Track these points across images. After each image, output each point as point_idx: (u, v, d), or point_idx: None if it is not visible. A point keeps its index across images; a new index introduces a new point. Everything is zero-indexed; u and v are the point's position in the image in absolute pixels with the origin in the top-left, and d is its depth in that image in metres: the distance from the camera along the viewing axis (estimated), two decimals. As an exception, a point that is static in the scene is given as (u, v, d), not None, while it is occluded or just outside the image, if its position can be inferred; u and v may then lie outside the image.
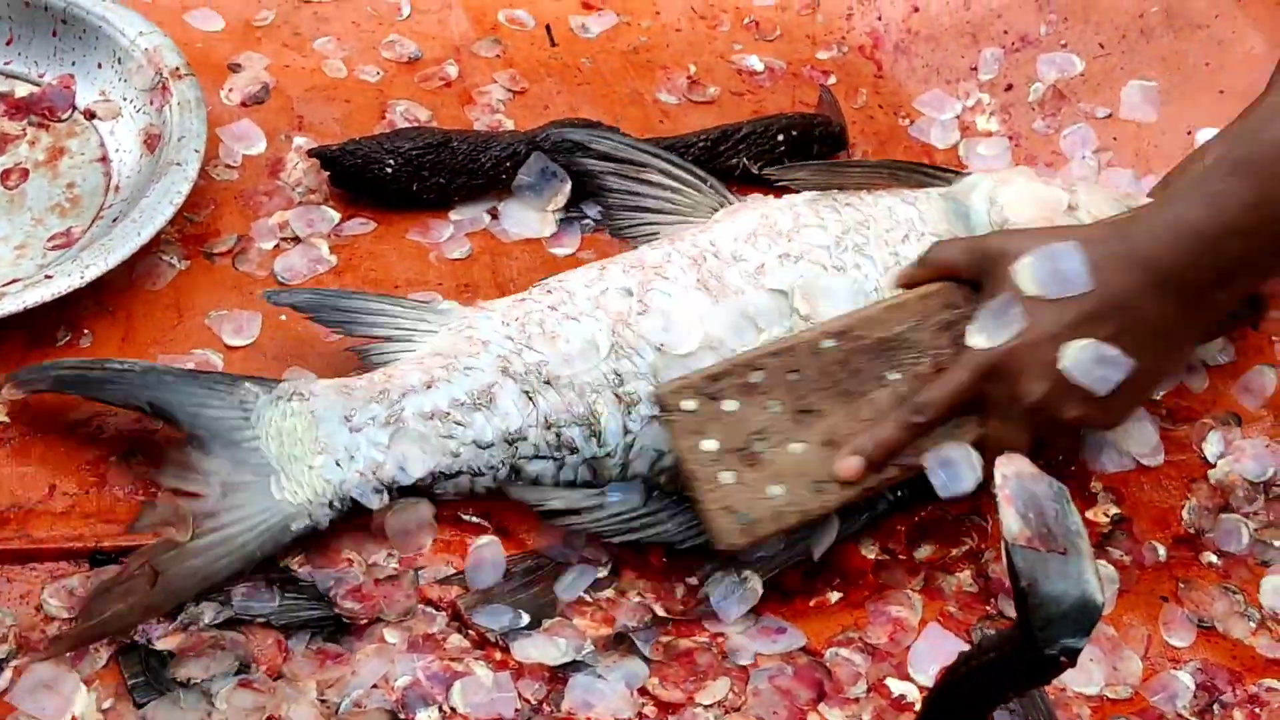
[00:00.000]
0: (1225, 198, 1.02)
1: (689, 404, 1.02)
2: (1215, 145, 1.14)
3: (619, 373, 1.07)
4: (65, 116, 1.33)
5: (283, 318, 1.20)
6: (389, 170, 1.28)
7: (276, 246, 1.26)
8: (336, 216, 1.29)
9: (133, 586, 0.97)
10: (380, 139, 1.29)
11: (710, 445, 1.01)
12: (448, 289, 1.24)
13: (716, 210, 1.19)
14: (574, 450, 1.07)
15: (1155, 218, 1.05)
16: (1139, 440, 1.17)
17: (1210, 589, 1.09)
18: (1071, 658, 0.64)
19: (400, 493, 1.05)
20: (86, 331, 1.17)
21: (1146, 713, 1.01)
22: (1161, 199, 1.12)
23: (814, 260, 1.11)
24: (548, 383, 1.07)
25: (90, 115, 1.32)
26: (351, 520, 1.05)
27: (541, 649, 1.01)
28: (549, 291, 1.13)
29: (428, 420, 1.06)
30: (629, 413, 1.07)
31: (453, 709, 0.97)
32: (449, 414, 1.06)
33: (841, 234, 1.13)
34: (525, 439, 1.06)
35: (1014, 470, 0.65)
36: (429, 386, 1.07)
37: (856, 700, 1.00)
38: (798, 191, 1.22)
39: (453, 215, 1.30)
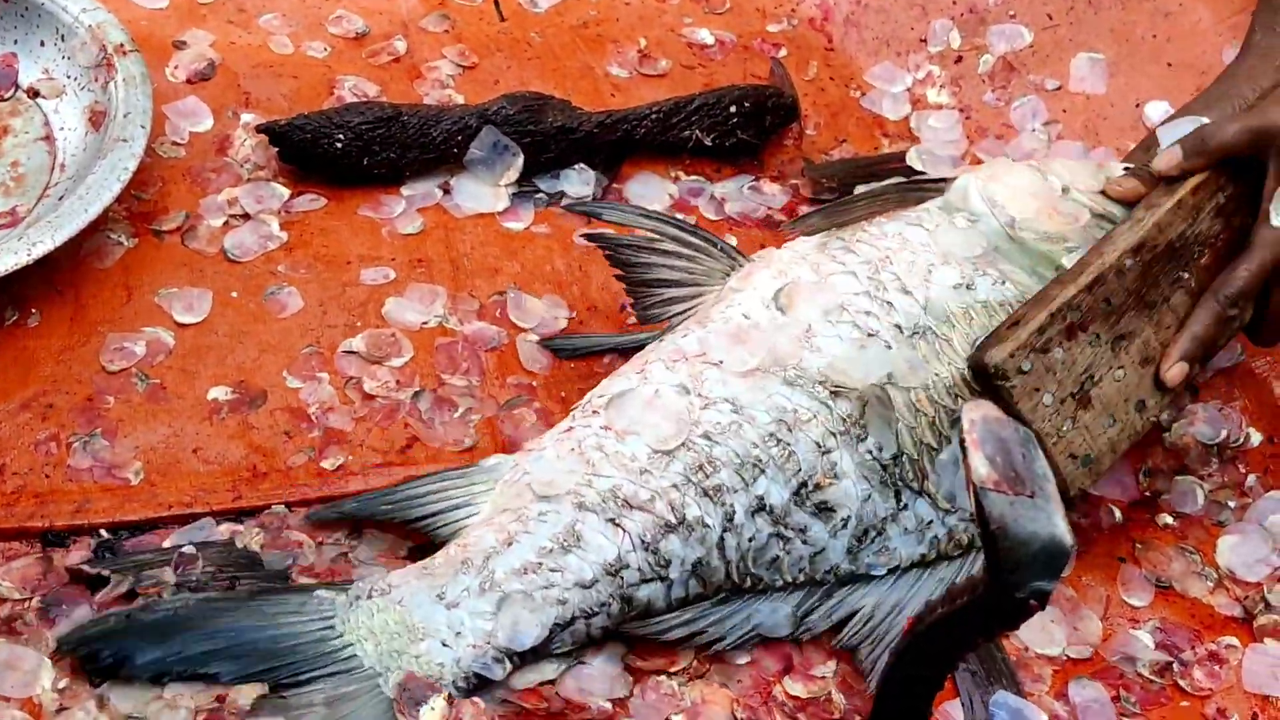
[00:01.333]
0: None
1: (1026, 365, 1.02)
2: None
3: (700, 466, 1.01)
4: (8, 95, 1.30)
5: (234, 294, 1.19)
6: (339, 145, 1.26)
7: (226, 223, 1.24)
8: (286, 193, 1.27)
9: None
10: (329, 114, 1.28)
11: (1048, 399, 1.02)
12: (400, 264, 1.23)
13: (729, 274, 1.14)
14: (671, 562, 1.00)
15: None
16: None
17: (1167, 549, 1.10)
18: (1041, 600, 0.64)
19: (521, 658, 0.97)
20: (34, 311, 1.15)
21: (1107, 672, 1.02)
22: None
23: (857, 309, 1.06)
24: (628, 504, 1.00)
25: (33, 94, 1.30)
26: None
27: (539, 671, 0.98)
28: (595, 412, 1.05)
29: (522, 576, 0.98)
30: (719, 503, 1.01)
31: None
32: (541, 564, 0.98)
33: (872, 275, 1.08)
34: (628, 566, 0.99)
35: (980, 415, 0.65)
36: (509, 544, 0.99)
37: (824, 679, 1.00)
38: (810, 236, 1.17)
39: (404, 190, 1.29)
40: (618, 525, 0.99)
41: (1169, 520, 1.12)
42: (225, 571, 0.99)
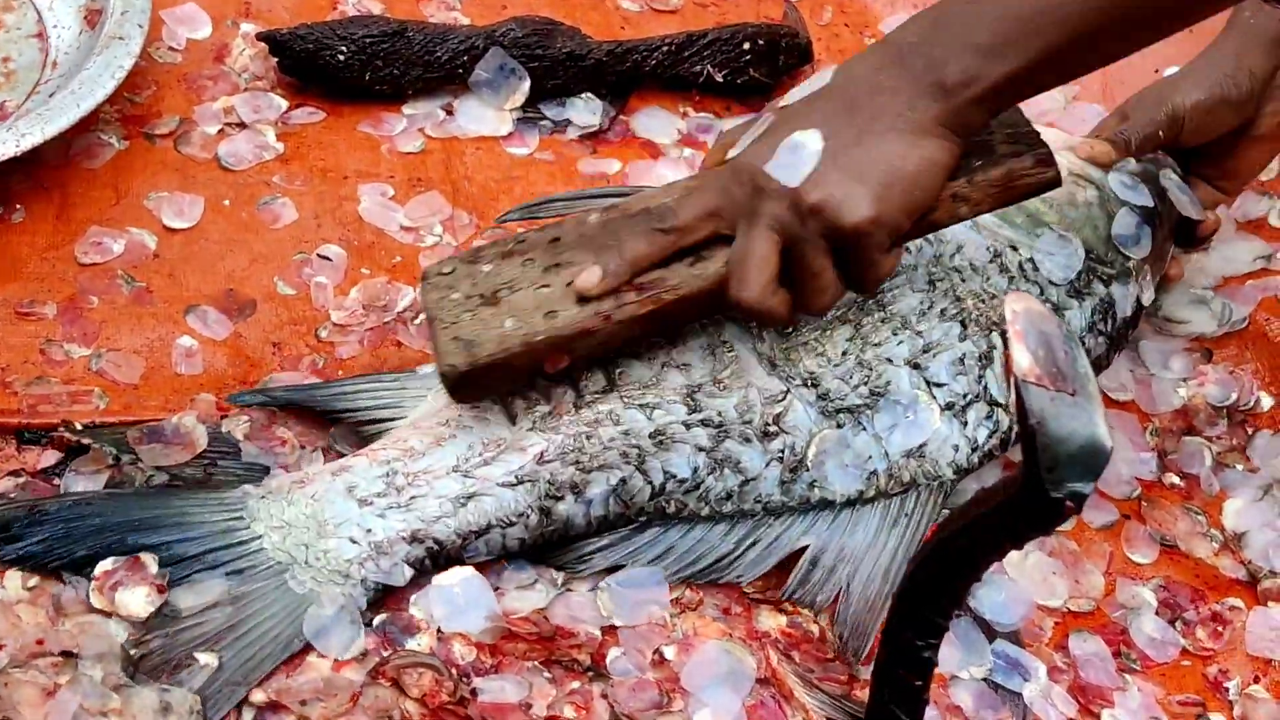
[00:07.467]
0: None
1: (448, 269, 1.01)
2: None
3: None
4: (0, -10, 1.27)
5: (226, 203, 1.16)
6: (341, 57, 1.23)
7: (221, 131, 1.21)
8: (284, 104, 1.24)
9: None
10: (333, 25, 1.24)
11: (457, 295, 0.99)
12: (399, 182, 1.20)
13: None
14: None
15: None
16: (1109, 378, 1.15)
17: (1172, 509, 1.07)
18: (1078, 503, 0.61)
19: (432, 562, 0.94)
20: (19, 207, 1.12)
21: (1108, 627, 0.99)
22: None
23: None
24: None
25: (27, -10, 1.27)
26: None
27: (530, 599, 0.95)
28: None
29: (438, 480, 0.95)
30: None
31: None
32: (457, 468, 0.96)
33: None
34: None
35: (1024, 307, 0.62)
36: (436, 446, 0.96)
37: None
38: None
39: (406, 109, 1.26)
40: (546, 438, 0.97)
41: (1175, 480, 1.10)
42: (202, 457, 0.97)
